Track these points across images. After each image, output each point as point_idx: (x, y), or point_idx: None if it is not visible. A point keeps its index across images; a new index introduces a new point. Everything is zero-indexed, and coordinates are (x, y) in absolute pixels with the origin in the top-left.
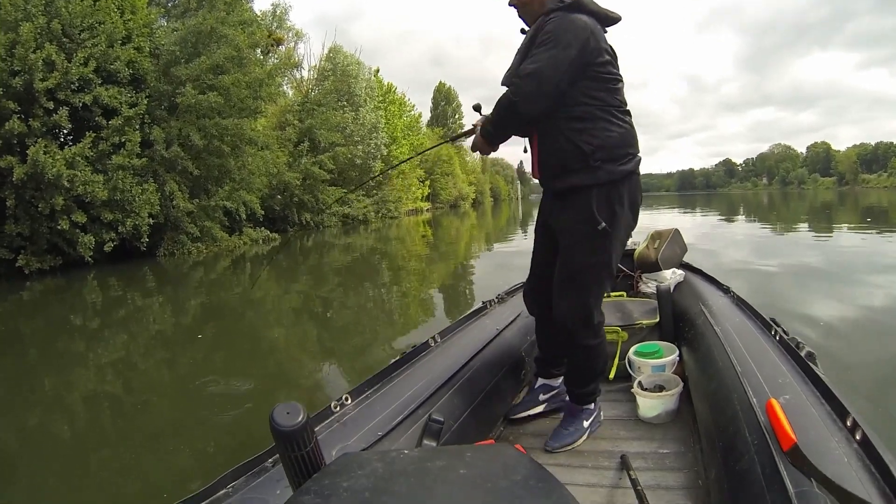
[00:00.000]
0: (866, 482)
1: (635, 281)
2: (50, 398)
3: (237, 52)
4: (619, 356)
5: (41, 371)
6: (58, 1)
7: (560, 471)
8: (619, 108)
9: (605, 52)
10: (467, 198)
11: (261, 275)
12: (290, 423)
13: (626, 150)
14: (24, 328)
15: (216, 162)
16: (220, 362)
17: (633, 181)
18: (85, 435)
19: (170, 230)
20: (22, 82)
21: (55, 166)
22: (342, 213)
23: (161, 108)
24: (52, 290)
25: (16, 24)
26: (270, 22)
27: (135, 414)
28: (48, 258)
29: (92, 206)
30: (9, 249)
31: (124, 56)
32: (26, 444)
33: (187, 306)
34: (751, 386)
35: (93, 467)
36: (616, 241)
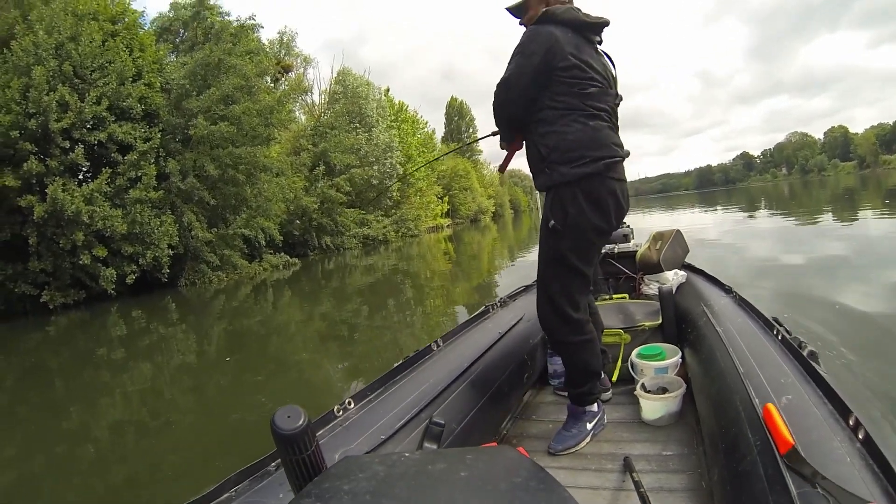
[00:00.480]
0: (869, 482)
1: (637, 283)
2: (76, 426)
3: (245, 82)
4: (622, 359)
5: (67, 401)
6: (68, 44)
7: (562, 473)
8: (583, 111)
9: (570, 58)
10: (487, 211)
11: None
12: (291, 427)
13: (582, 152)
14: (50, 362)
15: (232, 190)
16: (244, 386)
17: (593, 183)
18: (110, 458)
19: (190, 260)
20: (37, 124)
21: (74, 203)
22: (362, 234)
23: (175, 140)
24: (77, 323)
25: (28, 68)
26: (278, 49)
27: (160, 437)
28: (72, 292)
29: (112, 240)
30: (33, 286)
31: (136, 93)
32: (53, 468)
33: (210, 333)
34: (753, 387)
35: (118, 486)
36: (570, 239)
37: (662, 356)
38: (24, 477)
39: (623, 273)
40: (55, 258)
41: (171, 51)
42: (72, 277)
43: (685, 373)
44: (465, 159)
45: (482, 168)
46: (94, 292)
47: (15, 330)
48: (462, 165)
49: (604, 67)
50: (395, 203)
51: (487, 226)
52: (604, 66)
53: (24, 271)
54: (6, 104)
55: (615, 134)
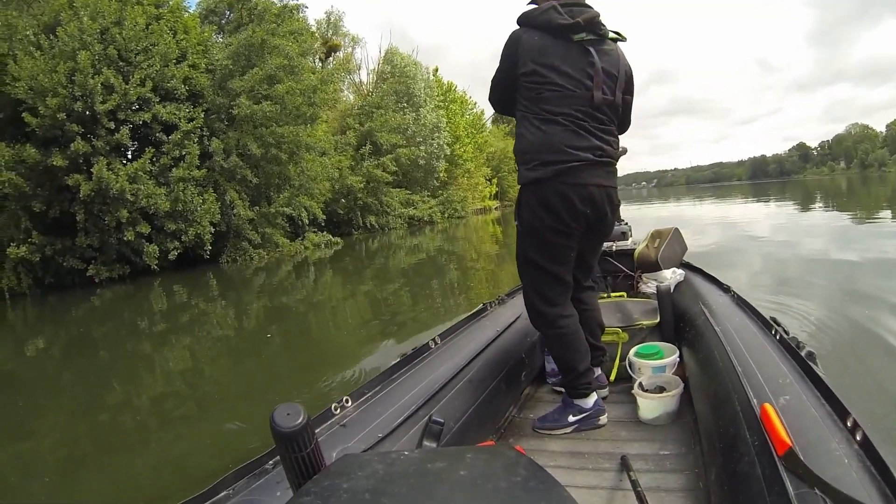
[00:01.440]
0: (867, 483)
1: (635, 281)
2: (117, 394)
3: (288, 62)
4: (620, 357)
5: (109, 370)
6: (113, 29)
7: (560, 472)
8: (538, 115)
9: (530, 63)
10: None
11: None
12: (291, 425)
13: (533, 155)
14: (95, 332)
15: (275, 169)
16: (281, 361)
17: (542, 187)
18: (148, 424)
19: (232, 237)
20: (83, 106)
21: (118, 181)
22: (407, 214)
23: (219, 120)
24: (121, 296)
25: (73, 52)
26: (326, 29)
27: (196, 407)
28: (116, 267)
29: (156, 217)
30: (80, 260)
31: (179, 74)
32: (94, 434)
33: (249, 309)
34: (751, 387)
35: (154, 457)
36: (529, 239)
37: (660, 355)
38: (66, 440)
39: (621, 271)
40: (101, 234)
41: (217, 32)
42: (117, 252)
43: (683, 372)
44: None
45: None
46: (138, 267)
47: (64, 301)
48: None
49: (581, 68)
50: (441, 184)
51: None
52: (584, 66)
53: (72, 246)
54: (53, 88)
55: (579, 137)
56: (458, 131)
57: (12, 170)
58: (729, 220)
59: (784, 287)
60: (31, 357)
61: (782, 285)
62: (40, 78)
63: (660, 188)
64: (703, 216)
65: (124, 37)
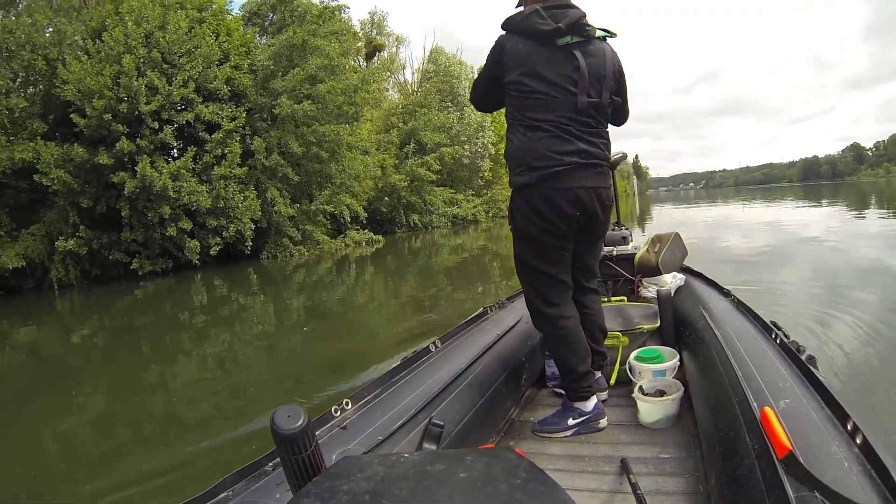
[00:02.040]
0: (867, 487)
1: (636, 285)
2: (155, 380)
3: (329, 62)
4: (620, 361)
5: (149, 359)
6: (157, 32)
7: (560, 475)
8: (523, 122)
9: (512, 72)
10: None
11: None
12: (291, 427)
13: (521, 161)
14: (137, 322)
15: (316, 167)
16: (316, 353)
17: (529, 191)
18: (182, 410)
19: (273, 234)
20: (128, 107)
21: (161, 179)
22: (451, 213)
23: (262, 119)
24: (163, 289)
25: (119, 56)
26: (370, 29)
27: (230, 395)
28: (160, 261)
29: (198, 214)
30: (126, 253)
31: (221, 75)
32: (130, 418)
33: (288, 304)
34: (751, 390)
35: (183, 443)
36: (522, 241)
37: (660, 359)
38: (104, 422)
39: (621, 276)
40: (145, 229)
41: (260, 33)
42: (160, 247)
43: (683, 376)
44: None
45: None
46: (181, 261)
47: (109, 293)
48: None
49: (564, 73)
50: (486, 183)
51: None
52: (569, 70)
53: (117, 240)
54: (99, 90)
55: (564, 142)
56: (502, 131)
57: (61, 167)
58: (779, 224)
59: (835, 297)
60: (77, 344)
61: (834, 295)
62: (87, 81)
63: (707, 189)
64: (751, 219)
65: (168, 40)
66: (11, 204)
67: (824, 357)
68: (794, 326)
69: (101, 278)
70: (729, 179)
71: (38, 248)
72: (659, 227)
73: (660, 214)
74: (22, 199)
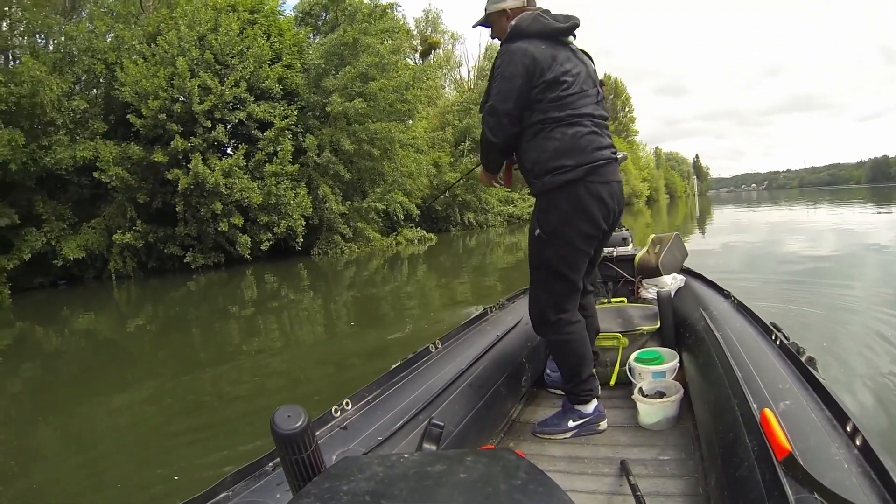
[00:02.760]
0: (866, 488)
1: (636, 287)
2: (203, 369)
3: (379, 59)
4: (620, 362)
5: (199, 347)
6: (209, 35)
7: (560, 477)
8: (563, 121)
9: (547, 72)
10: (641, 195)
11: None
12: (291, 427)
13: (562, 161)
14: (189, 314)
15: (368, 165)
16: (365, 347)
17: (575, 189)
18: (227, 396)
19: (324, 231)
20: (182, 107)
21: (213, 176)
22: (507, 212)
23: (314, 117)
24: (215, 282)
25: (172, 59)
26: (425, 27)
27: (275, 386)
28: (212, 255)
29: (249, 210)
30: (180, 247)
31: (273, 74)
32: (178, 401)
33: (337, 300)
34: (751, 392)
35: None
36: (554, 247)
37: (660, 360)
38: (153, 404)
39: (622, 277)
40: (199, 224)
41: (313, 33)
42: (213, 242)
43: (683, 377)
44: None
45: (638, 149)
46: (233, 256)
47: (164, 284)
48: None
49: (582, 69)
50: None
51: (640, 210)
52: (583, 66)
53: (172, 234)
54: (154, 91)
55: (600, 136)
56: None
57: (119, 165)
58: (846, 228)
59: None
60: (131, 332)
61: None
62: (143, 83)
63: (770, 191)
64: (817, 222)
65: (220, 42)
66: (75, 199)
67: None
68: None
69: (157, 270)
70: (793, 180)
71: (98, 241)
72: (720, 230)
73: (721, 216)
74: (84, 194)
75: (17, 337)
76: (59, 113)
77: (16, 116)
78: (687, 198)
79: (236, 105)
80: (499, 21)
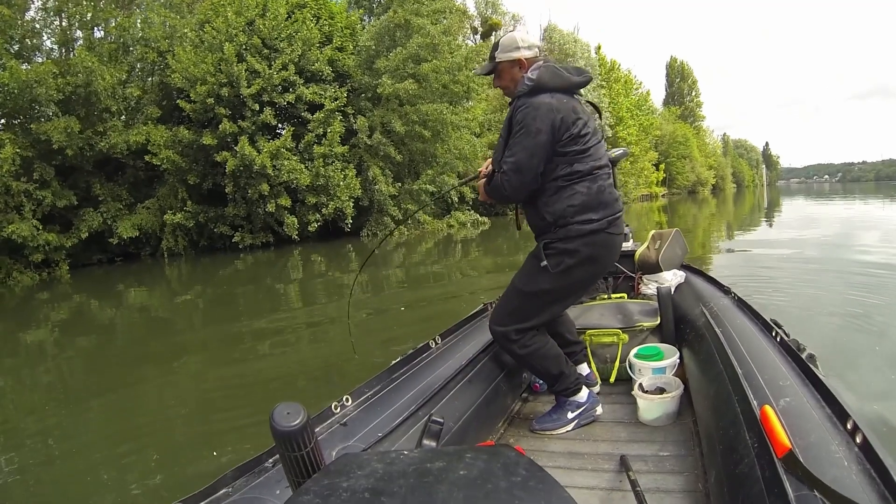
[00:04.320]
0: (866, 486)
1: (636, 282)
2: (247, 346)
3: (430, 40)
4: (620, 358)
5: (244, 320)
6: (258, 20)
7: (559, 472)
8: (588, 175)
9: (571, 127)
10: (706, 183)
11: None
12: (290, 424)
13: (589, 215)
14: (235, 290)
15: (419, 147)
16: (410, 330)
17: (596, 239)
18: (267, 372)
19: (374, 212)
20: (230, 91)
21: (260, 158)
22: None
23: (366, 99)
24: (263, 261)
25: (220, 45)
26: (485, 8)
27: (314, 364)
28: (261, 235)
29: (298, 191)
30: (230, 227)
31: (322, 57)
32: (223, 378)
33: (385, 282)
34: (751, 388)
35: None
36: (555, 281)
37: (660, 356)
38: (198, 379)
39: (622, 273)
40: (248, 205)
41: (367, 15)
42: (263, 222)
43: (683, 373)
44: (685, 125)
45: (705, 135)
46: (282, 236)
47: (214, 262)
48: (681, 131)
49: (593, 121)
50: None
51: (706, 199)
52: (592, 119)
53: (222, 215)
54: (202, 76)
55: (613, 188)
56: (620, 112)
57: (170, 148)
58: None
59: None
60: (180, 306)
61: None
62: (192, 69)
63: (843, 183)
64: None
65: (267, 26)
66: (131, 181)
67: None
68: None
69: (208, 249)
70: (869, 173)
71: (152, 221)
72: (788, 224)
73: (790, 208)
74: (140, 176)
75: (74, 310)
76: (114, 100)
77: (72, 105)
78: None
79: (286, 88)
80: (510, 70)
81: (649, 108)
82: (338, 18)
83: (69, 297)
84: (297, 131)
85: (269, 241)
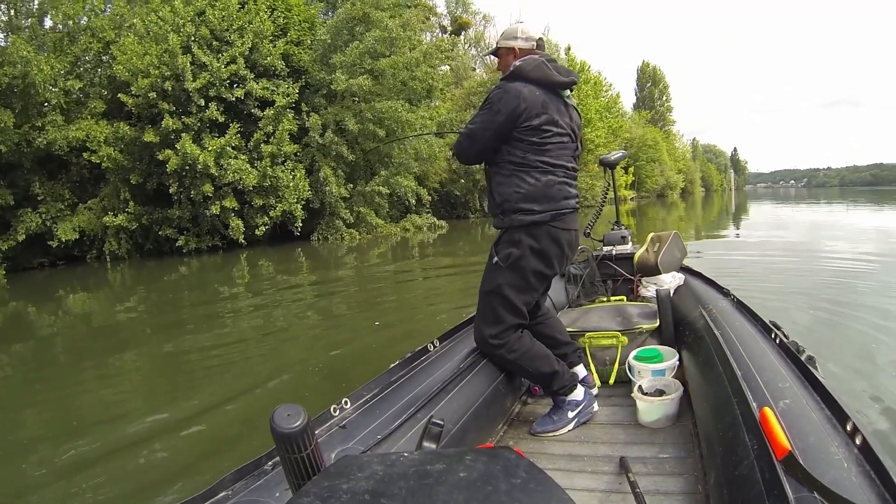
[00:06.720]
0: (866, 488)
1: (635, 285)
2: (185, 349)
3: (387, 34)
4: (619, 361)
5: (180, 331)
6: (207, 10)
7: (559, 475)
8: (538, 168)
9: (534, 118)
10: (675, 187)
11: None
12: (290, 426)
13: (532, 205)
14: (176, 297)
15: (373, 146)
16: (365, 334)
17: (539, 230)
18: (203, 381)
19: (326, 215)
20: (174, 85)
21: (203, 157)
22: None
23: (321, 96)
24: (208, 266)
25: (165, 35)
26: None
27: (259, 374)
28: (206, 238)
29: (246, 193)
30: (176, 230)
31: (276, 51)
32: (166, 378)
33: (330, 288)
34: (750, 390)
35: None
36: (509, 275)
37: (660, 358)
38: (130, 379)
39: (621, 275)
40: (193, 206)
41: (329, 8)
42: (209, 225)
43: (682, 375)
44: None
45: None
46: (228, 240)
47: (161, 266)
48: (651, 135)
49: (568, 122)
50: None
51: (674, 203)
52: (569, 120)
53: (167, 217)
54: (145, 69)
55: (569, 187)
56: (588, 114)
57: (112, 146)
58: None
59: None
60: (119, 313)
61: None
62: (134, 61)
63: (809, 188)
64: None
65: (217, 17)
66: (76, 180)
67: None
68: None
69: (154, 252)
70: (833, 179)
71: (94, 222)
72: (757, 226)
73: (758, 213)
74: (85, 175)
75: (10, 315)
76: (53, 93)
77: (7, 97)
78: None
79: (235, 83)
80: (505, 56)
81: (619, 110)
82: (295, 11)
83: (5, 302)
84: (247, 129)
85: (216, 244)
